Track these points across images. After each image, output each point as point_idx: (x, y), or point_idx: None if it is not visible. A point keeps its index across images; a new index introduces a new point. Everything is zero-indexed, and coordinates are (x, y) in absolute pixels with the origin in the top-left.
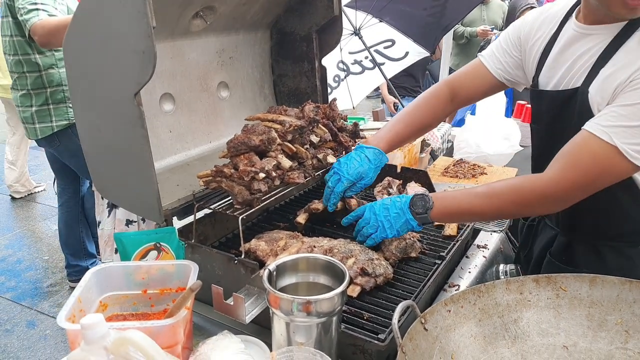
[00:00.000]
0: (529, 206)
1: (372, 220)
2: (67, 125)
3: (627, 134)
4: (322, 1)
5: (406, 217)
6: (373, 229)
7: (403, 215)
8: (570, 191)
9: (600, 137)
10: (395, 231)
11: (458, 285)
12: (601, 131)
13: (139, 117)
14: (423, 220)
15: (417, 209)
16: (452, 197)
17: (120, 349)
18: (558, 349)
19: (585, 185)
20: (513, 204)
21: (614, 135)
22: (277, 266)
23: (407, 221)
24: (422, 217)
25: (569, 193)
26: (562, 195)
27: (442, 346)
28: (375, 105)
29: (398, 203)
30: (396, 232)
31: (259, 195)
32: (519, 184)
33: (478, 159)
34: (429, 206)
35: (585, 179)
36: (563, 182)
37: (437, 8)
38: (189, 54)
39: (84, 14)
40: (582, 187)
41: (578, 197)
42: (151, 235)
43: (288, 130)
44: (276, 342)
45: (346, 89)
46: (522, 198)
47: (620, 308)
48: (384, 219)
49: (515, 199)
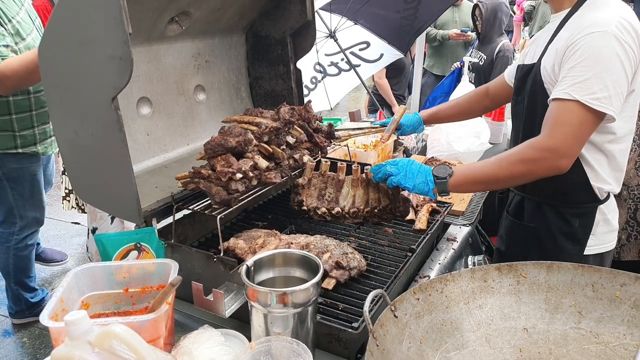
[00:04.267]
0: (534, 161)
1: (400, 165)
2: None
3: (581, 88)
4: (296, 6)
5: (427, 178)
6: (395, 171)
7: (424, 175)
8: (564, 141)
9: (564, 97)
10: (412, 184)
11: (428, 276)
12: (563, 93)
13: (117, 121)
14: (442, 187)
15: (439, 174)
16: (469, 167)
17: (104, 343)
18: (519, 331)
19: (574, 135)
20: (521, 162)
21: (572, 92)
22: (255, 262)
23: (427, 182)
24: (442, 182)
25: (564, 144)
26: (560, 146)
27: (412, 332)
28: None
29: (423, 167)
30: (412, 185)
31: (237, 195)
32: (522, 145)
33: (449, 157)
34: (449, 172)
35: (571, 130)
36: (555, 135)
37: (409, 11)
38: (165, 58)
39: (59, 21)
40: (574, 137)
41: (574, 148)
42: (131, 235)
43: (264, 132)
44: (255, 334)
45: (323, 91)
46: (526, 155)
47: (574, 291)
48: (409, 170)
49: (522, 157)
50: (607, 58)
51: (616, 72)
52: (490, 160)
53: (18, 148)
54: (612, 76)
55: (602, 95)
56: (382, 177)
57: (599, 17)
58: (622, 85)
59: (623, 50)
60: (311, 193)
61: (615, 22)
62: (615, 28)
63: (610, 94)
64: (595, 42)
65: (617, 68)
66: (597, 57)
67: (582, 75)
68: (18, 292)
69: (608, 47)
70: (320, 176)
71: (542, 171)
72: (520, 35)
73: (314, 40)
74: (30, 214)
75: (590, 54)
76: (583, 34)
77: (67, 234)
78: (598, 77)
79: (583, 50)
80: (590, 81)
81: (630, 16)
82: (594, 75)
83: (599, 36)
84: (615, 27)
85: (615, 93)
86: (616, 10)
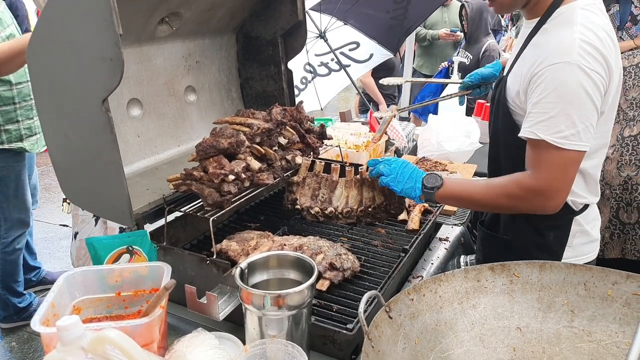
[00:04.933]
0: (519, 199)
1: (393, 166)
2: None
3: (546, 126)
4: (287, 6)
5: (415, 184)
6: (387, 172)
7: (414, 182)
8: (549, 184)
9: (531, 137)
10: (400, 188)
11: (421, 276)
12: (530, 132)
13: (107, 123)
14: (428, 196)
15: (428, 183)
16: (459, 182)
17: (97, 348)
18: (512, 331)
19: (558, 176)
20: (506, 197)
21: (538, 131)
22: (249, 264)
23: (414, 188)
24: (429, 192)
25: (549, 186)
26: (545, 188)
27: (406, 332)
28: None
29: (415, 172)
30: (400, 189)
31: (229, 197)
32: (510, 179)
33: (440, 157)
34: (438, 184)
35: (554, 171)
36: (539, 177)
37: (399, 11)
38: (156, 59)
39: (48, 22)
40: (558, 178)
41: (561, 189)
42: (123, 239)
43: (256, 133)
44: (249, 336)
45: (314, 91)
46: (512, 191)
47: (566, 290)
48: (400, 172)
49: (507, 192)
50: (572, 92)
51: (583, 105)
52: (480, 183)
53: (4, 143)
54: (579, 111)
55: (569, 132)
56: (375, 175)
57: (561, 41)
58: (590, 117)
59: (588, 79)
60: (305, 192)
61: (577, 47)
62: (578, 55)
63: (579, 130)
64: (557, 75)
65: (583, 101)
66: (561, 92)
67: (547, 112)
68: (5, 297)
69: (572, 80)
70: (314, 176)
71: (527, 209)
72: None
73: (304, 40)
74: (15, 215)
75: (553, 88)
76: (545, 64)
77: (56, 236)
78: (563, 114)
79: (546, 85)
80: (555, 119)
81: (594, 35)
82: (559, 113)
83: (561, 68)
84: (577, 54)
85: (584, 127)
86: (580, 30)
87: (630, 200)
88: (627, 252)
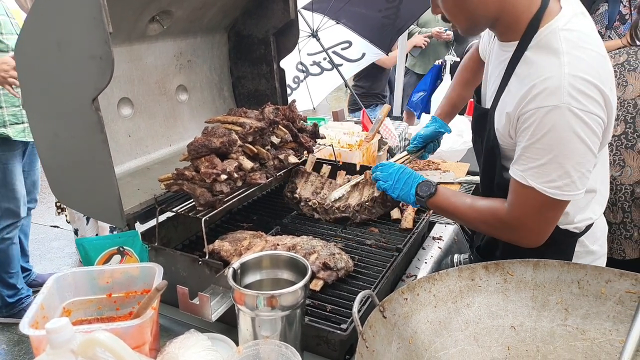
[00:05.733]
0: (495, 229)
1: (391, 172)
2: None
3: (537, 174)
4: (279, 5)
5: (410, 191)
6: (384, 178)
7: (408, 188)
8: (524, 222)
9: (520, 181)
10: (397, 194)
11: (415, 275)
12: (520, 176)
13: (98, 123)
14: (420, 203)
15: (421, 192)
16: (450, 195)
17: (87, 351)
18: (507, 329)
19: (537, 219)
20: (484, 224)
21: (529, 178)
22: (241, 264)
23: (409, 194)
24: (421, 200)
25: (525, 225)
26: (520, 226)
27: (400, 332)
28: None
29: (411, 178)
30: (397, 195)
31: (221, 197)
32: (488, 208)
33: (433, 156)
34: (431, 193)
35: (533, 214)
36: (514, 214)
37: (391, 10)
38: (147, 58)
39: (36, 20)
40: (537, 220)
41: (540, 229)
42: (114, 239)
43: (248, 132)
44: (242, 337)
45: (306, 90)
46: (489, 220)
47: (560, 288)
48: (396, 180)
49: (485, 220)
50: (564, 139)
51: (577, 152)
52: (466, 202)
53: None
54: (573, 158)
55: (562, 183)
56: (374, 180)
57: (548, 78)
58: (586, 164)
59: (582, 124)
60: (307, 187)
61: (568, 86)
62: (569, 97)
63: (574, 180)
64: (547, 120)
65: (577, 147)
66: (552, 139)
67: (538, 160)
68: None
69: (563, 126)
70: (319, 177)
71: (505, 239)
72: None
73: (297, 39)
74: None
75: (543, 134)
76: (533, 105)
77: (46, 237)
78: (555, 164)
79: (535, 129)
80: (546, 167)
81: (585, 63)
82: (550, 161)
83: (550, 112)
84: (568, 95)
85: (579, 175)
86: (567, 60)
87: (615, 200)
88: (614, 251)
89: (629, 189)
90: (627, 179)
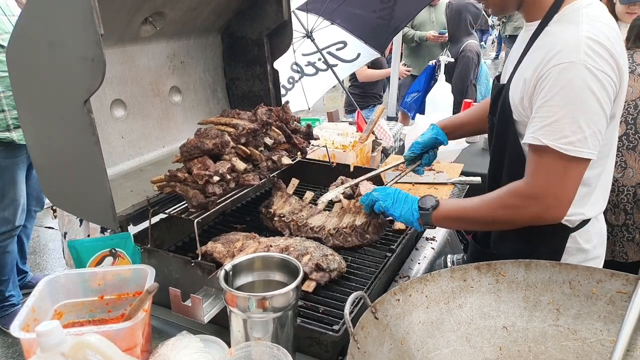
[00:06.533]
0: (515, 208)
1: (388, 192)
2: None
3: (550, 131)
4: (272, 6)
5: (412, 206)
6: (383, 198)
7: (410, 204)
8: (545, 190)
9: (533, 143)
10: (399, 213)
11: (408, 276)
12: (532, 138)
13: (90, 124)
14: (425, 219)
15: (423, 204)
16: (454, 203)
17: (78, 354)
18: (499, 330)
19: (557, 182)
20: (502, 208)
21: (542, 136)
22: (233, 266)
23: (412, 211)
24: (425, 213)
25: (546, 192)
26: (541, 194)
27: (392, 333)
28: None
29: (409, 197)
30: (399, 214)
31: (214, 198)
32: (504, 189)
33: None
34: (433, 204)
35: (554, 177)
36: (535, 182)
37: (386, 10)
38: (140, 60)
39: (27, 21)
40: (558, 184)
41: (561, 195)
42: (106, 241)
43: (241, 134)
44: (234, 339)
45: (301, 91)
46: (506, 201)
47: (552, 289)
48: (396, 197)
49: (502, 203)
50: (579, 94)
51: (591, 109)
52: (475, 199)
53: None
54: (586, 114)
55: (575, 138)
56: (369, 202)
57: (566, 40)
58: (598, 122)
59: (596, 80)
60: (284, 207)
61: (585, 46)
62: (585, 55)
63: (586, 135)
64: (563, 76)
65: (591, 104)
66: (567, 94)
67: (551, 116)
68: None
69: (578, 81)
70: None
71: (525, 220)
72: None
73: (290, 40)
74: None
75: (558, 90)
76: (550, 64)
77: (42, 239)
78: (569, 118)
79: (551, 86)
80: (560, 122)
81: (602, 32)
82: (564, 116)
83: (566, 68)
84: (584, 54)
85: (591, 133)
86: (586, 27)
87: (617, 202)
88: (616, 254)
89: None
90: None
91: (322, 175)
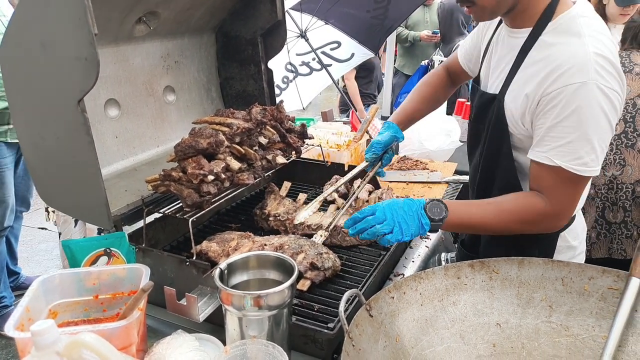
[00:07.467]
0: (534, 223)
1: (389, 219)
2: None
3: (564, 153)
4: (266, 5)
5: (422, 221)
6: (387, 228)
7: (417, 218)
8: (563, 207)
9: (544, 162)
10: (410, 235)
11: (402, 274)
12: (544, 157)
13: (84, 124)
14: (435, 227)
15: (433, 215)
16: (465, 209)
17: (73, 353)
18: (492, 327)
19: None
20: (520, 223)
21: (554, 157)
22: (228, 265)
23: (422, 225)
24: (437, 224)
25: (563, 209)
26: (560, 211)
27: (387, 330)
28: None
29: (413, 206)
30: (411, 235)
31: (209, 198)
32: (523, 205)
33: (421, 155)
34: (444, 215)
35: (569, 196)
36: (557, 202)
37: (380, 10)
38: (134, 59)
39: (20, 21)
40: (572, 201)
41: (572, 209)
42: (101, 241)
43: (236, 133)
44: (230, 337)
45: (295, 90)
46: (527, 218)
47: (544, 286)
48: (402, 220)
49: (522, 218)
50: (593, 116)
51: (602, 128)
52: (489, 208)
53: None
54: (599, 134)
55: (589, 159)
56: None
57: (573, 57)
58: (607, 139)
59: (607, 100)
60: (278, 208)
61: (594, 63)
62: (595, 74)
63: (597, 154)
64: (576, 98)
65: (602, 124)
66: (581, 117)
67: (565, 137)
68: None
69: (592, 103)
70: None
71: (538, 231)
72: None
73: (284, 40)
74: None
75: (571, 112)
76: (560, 83)
77: (34, 239)
78: (583, 140)
79: (563, 107)
80: (574, 144)
81: (606, 47)
82: (578, 138)
83: (579, 89)
84: (595, 72)
85: (601, 150)
86: (591, 42)
87: (616, 199)
88: (614, 251)
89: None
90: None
91: (317, 175)
